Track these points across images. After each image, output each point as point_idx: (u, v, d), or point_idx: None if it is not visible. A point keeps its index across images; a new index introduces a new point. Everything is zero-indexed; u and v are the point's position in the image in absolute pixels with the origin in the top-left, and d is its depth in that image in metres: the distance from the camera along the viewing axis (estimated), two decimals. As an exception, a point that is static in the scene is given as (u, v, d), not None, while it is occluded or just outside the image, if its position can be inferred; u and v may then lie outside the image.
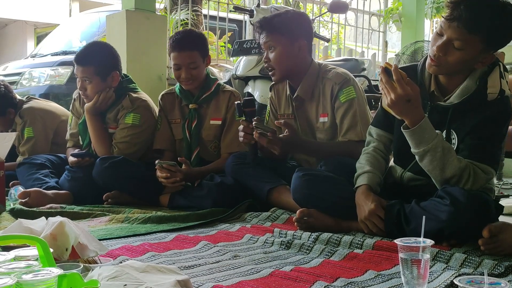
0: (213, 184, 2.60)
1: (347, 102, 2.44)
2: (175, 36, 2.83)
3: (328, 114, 2.50)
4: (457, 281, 1.07)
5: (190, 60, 2.77)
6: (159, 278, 1.14)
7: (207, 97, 2.89)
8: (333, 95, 2.47)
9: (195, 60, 2.79)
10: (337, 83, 2.46)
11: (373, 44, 6.77)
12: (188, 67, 2.77)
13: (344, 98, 2.44)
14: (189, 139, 2.89)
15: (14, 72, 5.61)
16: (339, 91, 2.45)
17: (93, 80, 2.89)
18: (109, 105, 2.96)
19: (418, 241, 1.26)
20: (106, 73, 2.92)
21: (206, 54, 2.86)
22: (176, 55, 2.78)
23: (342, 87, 2.45)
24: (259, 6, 3.80)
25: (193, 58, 2.78)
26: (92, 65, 2.88)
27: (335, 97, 2.46)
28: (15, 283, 0.94)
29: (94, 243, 1.46)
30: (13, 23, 13.78)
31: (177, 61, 2.78)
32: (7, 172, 2.77)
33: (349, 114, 2.43)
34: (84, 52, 2.98)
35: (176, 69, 2.80)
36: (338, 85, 2.46)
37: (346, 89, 2.44)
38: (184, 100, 2.92)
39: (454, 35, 1.75)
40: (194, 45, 2.79)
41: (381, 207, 1.88)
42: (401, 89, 1.72)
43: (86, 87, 2.90)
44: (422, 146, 1.77)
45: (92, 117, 2.94)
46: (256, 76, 3.69)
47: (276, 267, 1.57)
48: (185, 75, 2.78)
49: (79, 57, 2.93)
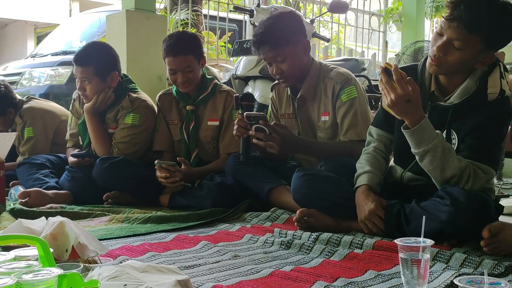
0: (213, 184, 2.60)
1: (349, 101, 2.43)
2: (169, 40, 2.79)
3: (329, 113, 2.49)
4: (457, 281, 1.07)
5: (185, 65, 2.76)
6: (159, 278, 1.14)
7: (204, 98, 2.88)
8: (335, 94, 2.47)
9: (190, 64, 2.77)
10: (339, 82, 2.46)
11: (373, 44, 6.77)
12: (184, 71, 2.76)
13: (346, 97, 2.43)
14: (187, 141, 2.89)
15: (14, 72, 5.61)
16: (341, 90, 2.45)
17: (93, 81, 2.89)
18: (109, 105, 2.96)
19: (418, 241, 1.25)
20: (106, 74, 2.92)
21: (201, 56, 2.84)
22: (170, 60, 2.76)
23: (344, 87, 2.45)
24: (259, 6, 3.80)
25: (188, 62, 2.76)
26: (91, 65, 2.88)
27: (336, 96, 2.46)
28: (15, 283, 0.94)
29: (94, 243, 1.46)
30: (13, 23, 13.79)
31: (172, 66, 2.77)
32: (7, 172, 2.77)
33: (350, 114, 2.43)
34: (83, 52, 2.97)
35: (172, 74, 2.79)
36: (340, 84, 2.45)
37: (348, 89, 2.44)
38: (181, 101, 2.92)
39: (454, 35, 1.75)
40: (188, 49, 2.76)
41: (381, 207, 1.88)
42: (401, 89, 1.72)
43: (85, 87, 2.90)
44: (422, 146, 1.77)
45: (92, 117, 2.94)
46: (256, 76, 3.70)
47: (276, 267, 1.57)
48: (181, 79, 2.78)
49: (78, 58, 2.93)
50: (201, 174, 2.76)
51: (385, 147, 2.09)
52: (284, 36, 2.42)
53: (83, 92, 2.92)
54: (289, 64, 2.44)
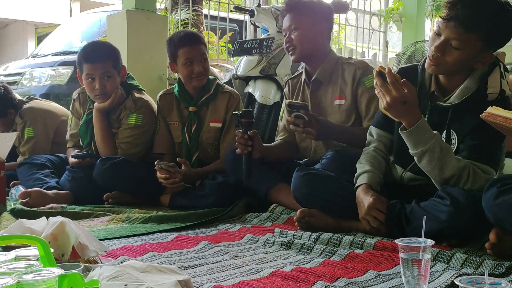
0: (215, 183, 2.60)
1: (373, 88, 2.43)
2: (180, 32, 2.89)
3: (345, 97, 2.49)
4: (457, 281, 1.07)
5: (202, 51, 2.83)
6: (160, 278, 1.14)
7: (206, 99, 2.88)
8: (356, 79, 2.47)
9: (205, 52, 2.86)
10: (361, 68, 2.48)
11: (373, 44, 6.76)
12: (201, 59, 2.81)
13: (370, 83, 2.43)
14: (188, 143, 2.88)
15: (15, 72, 5.61)
16: (363, 76, 2.46)
17: (112, 75, 2.88)
18: (122, 102, 2.94)
19: (419, 241, 1.25)
20: (119, 67, 2.95)
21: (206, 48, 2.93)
22: (187, 50, 2.79)
23: (366, 73, 2.46)
24: (260, 6, 3.80)
25: (203, 49, 2.85)
26: (110, 59, 2.88)
27: (358, 82, 2.47)
28: (16, 283, 0.94)
29: (94, 243, 1.46)
30: (14, 23, 13.79)
31: (189, 54, 2.79)
32: (7, 172, 2.77)
33: (376, 99, 2.39)
34: (94, 50, 2.93)
35: (189, 65, 2.80)
36: (362, 70, 2.47)
37: (371, 76, 2.42)
38: (183, 102, 2.91)
39: (452, 35, 1.75)
40: (201, 39, 2.87)
41: (381, 201, 1.88)
42: (396, 91, 1.73)
43: (106, 84, 2.86)
44: (420, 146, 1.77)
45: (103, 116, 2.92)
46: (257, 76, 3.69)
47: (276, 267, 1.57)
48: (198, 69, 2.79)
49: (93, 55, 2.87)
50: (201, 175, 2.76)
51: (385, 147, 2.09)
52: (309, 9, 2.51)
53: (103, 89, 2.85)
54: (299, 35, 2.50)
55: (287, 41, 2.54)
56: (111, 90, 2.87)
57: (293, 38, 2.51)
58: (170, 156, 2.91)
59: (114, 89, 2.88)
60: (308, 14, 2.51)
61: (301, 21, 2.50)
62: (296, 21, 2.51)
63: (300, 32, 2.50)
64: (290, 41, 2.52)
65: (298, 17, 2.51)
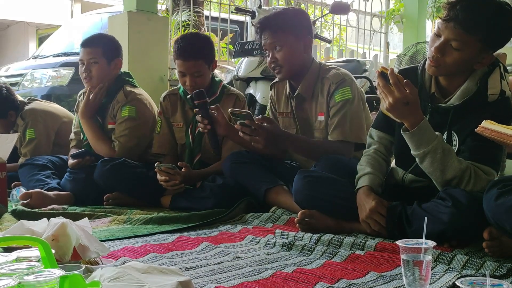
0: (215, 185, 2.60)
1: (341, 102, 2.43)
2: (181, 42, 2.74)
3: (324, 113, 2.49)
4: (459, 282, 1.07)
5: (195, 70, 2.72)
6: (161, 279, 1.15)
7: (212, 101, 2.86)
8: (329, 94, 2.47)
9: (200, 69, 2.73)
10: (334, 82, 2.45)
11: (374, 45, 6.77)
12: (193, 75, 2.73)
13: (339, 98, 2.43)
14: (191, 145, 2.87)
15: (16, 73, 5.62)
16: (335, 90, 2.44)
17: (100, 62, 2.96)
18: (101, 102, 2.97)
19: (420, 242, 1.25)
20: (112, 57, 3.00)
21: (212, 61, 2.81)
22: (180, 63, 2.72)
23: (339, 87, 2.44)
24: (261, 7, 3.81)
25: (197, 67, 2.72)
26: (100, 46, 2.98)
27: (331, 96, 2.46)
28: (17, 284, 0.94)
29: (95, 244, 1.46)
30: (15, 24, 13.80)
31: (182, 69, 2.73)
32: (9, 173, 2.76)
33: (339, 114, 2.42)
34: (91, 36, 3.11)
35: (181, 76, 2.77)
36: (335, 84, 2.45)
37: (342, 89, 2.43)
38: (189, 104, 2.89)
39: (451, 36, 1.76)
40: (199, 55, 2.72)
41: (382, 204, 1.88)
42: (398, 92, 1.72)
43: (91, 69, 2.96)
44: (422, 148, 1.77)
45: (88, 120, 2.97)
46: (258, 77, 3.70)
47: (277, 269, 1.57)
48: (189, 83, 2.75)
49: (86, 40, 3.05)
50: (201, 177, 2.75)
51: (386, 149, 2.09)
52: (286, 25, 2.42)
53: (88, 74, 2.95)
54: (284, 54, 2.43)
55: (272, 61, 2.46)
56: (96, 76, 2.95)
57: (278, 58, 2.44)
58: (171, 158, 2.90)
59: (99, 75, 2.96)
60: (289, 31, 2.42)
61: (284, 39, 2.41)
62: (278, 39, 2.42)
63: (284, 50, 2.42)
64: (276, 61, 2.45)
65: (281, 34, 2.42)
